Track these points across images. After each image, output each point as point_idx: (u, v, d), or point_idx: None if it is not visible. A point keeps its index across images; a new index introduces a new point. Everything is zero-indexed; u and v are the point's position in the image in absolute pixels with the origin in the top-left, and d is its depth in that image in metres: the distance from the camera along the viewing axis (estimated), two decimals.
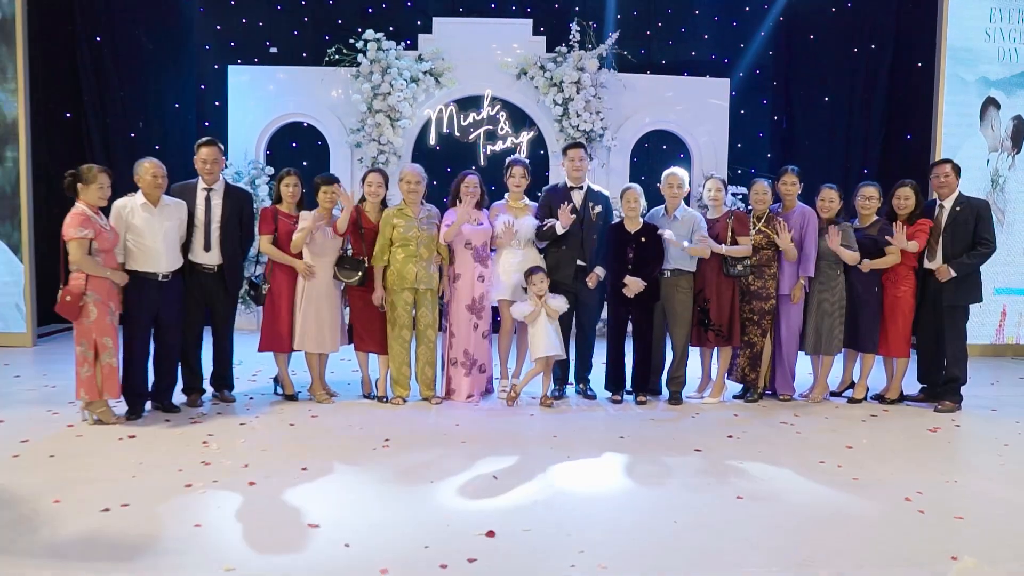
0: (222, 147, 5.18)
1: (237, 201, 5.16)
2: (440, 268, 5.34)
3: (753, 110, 8.93)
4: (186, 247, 4.95)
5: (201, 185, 5.06)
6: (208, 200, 5.03)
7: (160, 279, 4.74)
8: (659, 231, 5.23)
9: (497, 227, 5.33)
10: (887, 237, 5.26)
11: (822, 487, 3.78)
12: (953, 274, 5.27)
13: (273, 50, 8.51)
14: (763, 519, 3.36)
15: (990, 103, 7.70)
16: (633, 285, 5.18)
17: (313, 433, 4.58)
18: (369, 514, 3.34)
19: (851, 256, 5.30)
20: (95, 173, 4.51)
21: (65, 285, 4.46)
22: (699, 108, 8.53)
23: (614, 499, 3.61)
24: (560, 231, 5.26)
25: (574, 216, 5.28)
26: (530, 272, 5.23)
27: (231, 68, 8.32)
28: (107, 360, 4.51)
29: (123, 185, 4.87)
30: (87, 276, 4.44)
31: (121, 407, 4.78)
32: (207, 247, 5.01)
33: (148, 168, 4.72)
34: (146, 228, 4.68)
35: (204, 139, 5.12)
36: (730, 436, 4.65)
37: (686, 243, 5.18)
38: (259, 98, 8.28)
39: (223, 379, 5.28)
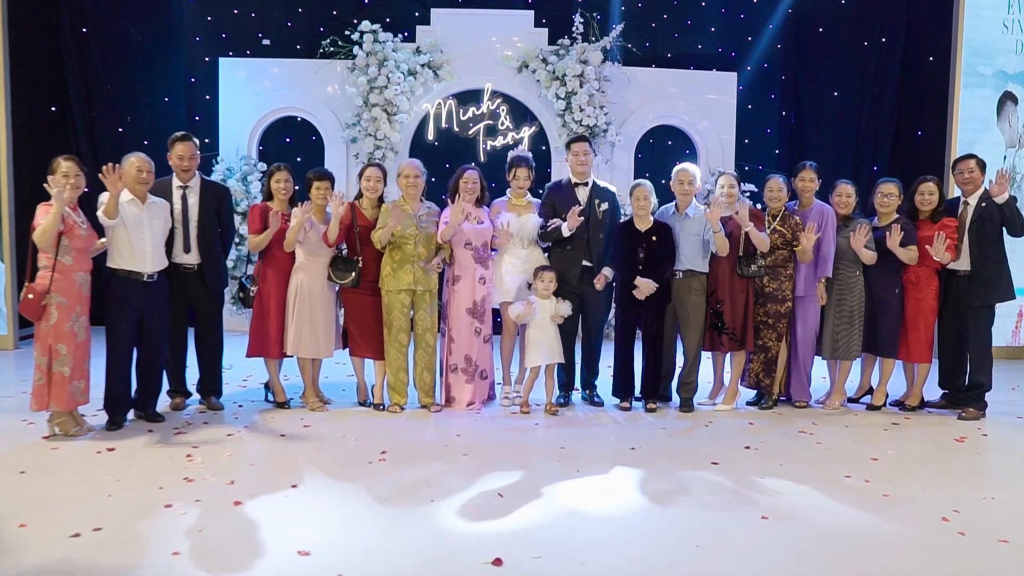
0: (197, 142, 4.91)
1: (214, 198, 4.90)
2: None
3: (761, 105, 8.67)
4: (167, 248, 4.68)
5: (176, 183, 4.79)
6: (185, 199, 4.77)
7: (145, 279, 4.49)
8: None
9: (497, 227, 5.07)
10: (927, 247, 4.99)
11: (851, 506, 3.52)
12: (1009, 194, 5.03)
13: (266, 42, 8.25)
14: (791, 542, 3.10)
15: (1007, 97, 7.44)
16: (644, 287, 4.91)
17: (305, 445, 4.30)
18: (365, 539, 3.06)
19: (870, 256, 5.06)
20: (59, 161, 4.26)
21: (30, 282, 4.20)
22: (705, 103, 8.28)
23: (629, 520, 3.34)
24: (566, 233, 5.01)
25: (582, 219, 5.02)
26: (541, 269, 5.00)
27: (222, 60, 8.06)
28: (58, 368, 4.20)
29: None
30: (52, 276, 4.17)
31: (102, 417, 4.51)
32: (187, 248, 4.75)
33: (133, 163, 4.47)
34: (135, 225, 4.42)
35: (179, 134, 4.84)
36: (747, 447, 4.39)
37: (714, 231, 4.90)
38: (251, 92, 8.03)
39: (210, 384, 5.01)
